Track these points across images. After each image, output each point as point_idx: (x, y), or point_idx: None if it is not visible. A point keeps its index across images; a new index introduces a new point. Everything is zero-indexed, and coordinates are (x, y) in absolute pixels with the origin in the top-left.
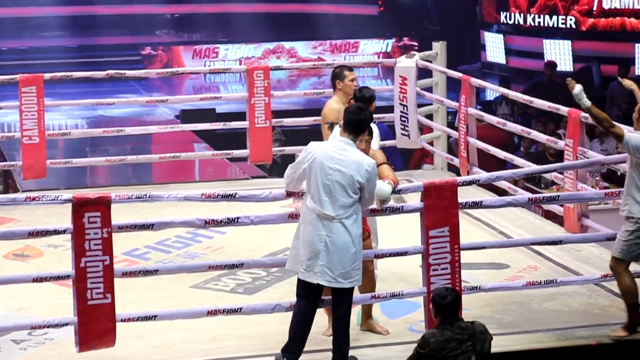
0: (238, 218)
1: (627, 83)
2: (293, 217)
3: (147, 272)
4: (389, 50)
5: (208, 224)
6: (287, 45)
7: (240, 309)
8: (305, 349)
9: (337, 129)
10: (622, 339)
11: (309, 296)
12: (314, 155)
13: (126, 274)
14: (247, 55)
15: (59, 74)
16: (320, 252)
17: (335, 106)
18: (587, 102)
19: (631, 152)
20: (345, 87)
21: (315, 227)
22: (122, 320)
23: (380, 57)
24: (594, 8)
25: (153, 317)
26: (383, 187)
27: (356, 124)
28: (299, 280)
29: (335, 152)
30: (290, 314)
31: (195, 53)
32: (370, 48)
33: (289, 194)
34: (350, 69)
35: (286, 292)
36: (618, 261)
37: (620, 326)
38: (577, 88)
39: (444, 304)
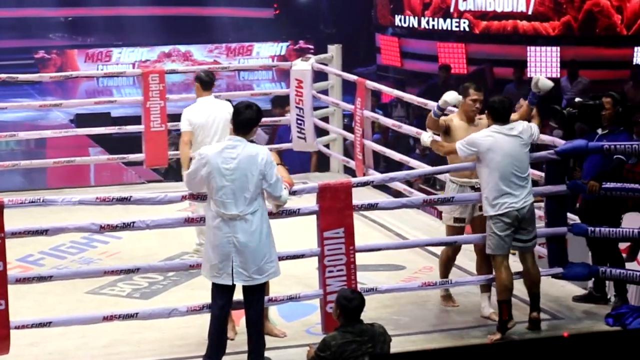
0: (134, 222)
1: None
2: (189, 221)
3: (41, 278)
4: (283, 53)
5: (103, 228)
6: (182, 48)
7: (137, 314)
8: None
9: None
10: (499, 341)
11: (223, 297)
12: (206, 160)
13: (20, 281)
14: (142, 58)
15: None
16: (231, 253)
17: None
18: (427, 141)
19: (484, 152)
20: (464, 106)
21: (221, 230)
22: (16, 327)
23: (275, 60)
24: (487, 11)
25: (48, 324)
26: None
27: (244, 123)
28: (213, 283)
29: (228, 152)
30: (187, 318)
31: (88, 57)
32: (264, 51)
33: (185, 197)
34: (478, 88)
35: (183, 297)
36: (493, 257)
37: (496, 328)
38: (423, 136)
39: (350, 307)
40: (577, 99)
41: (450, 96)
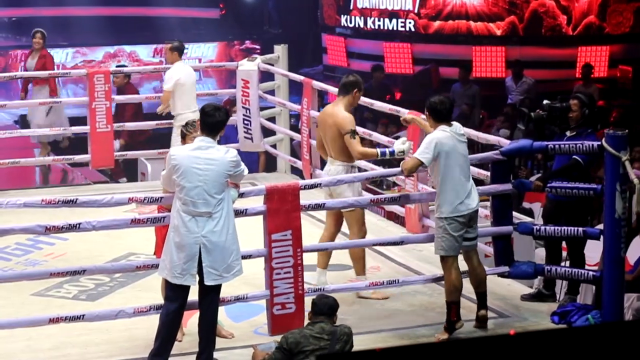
0: (80, 224)
1: (408, 118)
2: (136, 222)
3: None
4: (211, 54)
5: (49, 230)
6: (128, 48)
7: (83, 315)
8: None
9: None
10: (446, 340)
11: (178, 298)
12: (176, 163)
13: None
14: (68, 59)
15: None
16: (197, 254)
17: (348, 115)
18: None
19: (443, 154)
20: (356, 99)
21: (189, 230)
22: None
23: (202, 62)
24: (436, 11)
25: None
26: (230, 191)
27: (214, 126)
28: (169, 284)
29: (200, 154)
30: (134, 320)
31: (11, 58)
32: (191, 52)
33: (132, 199)
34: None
35: (129, 298)
36: (443, 259)
37: (443, 328)
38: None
39: (319, 304)
40: (545, 101)
41: (405, 147)
